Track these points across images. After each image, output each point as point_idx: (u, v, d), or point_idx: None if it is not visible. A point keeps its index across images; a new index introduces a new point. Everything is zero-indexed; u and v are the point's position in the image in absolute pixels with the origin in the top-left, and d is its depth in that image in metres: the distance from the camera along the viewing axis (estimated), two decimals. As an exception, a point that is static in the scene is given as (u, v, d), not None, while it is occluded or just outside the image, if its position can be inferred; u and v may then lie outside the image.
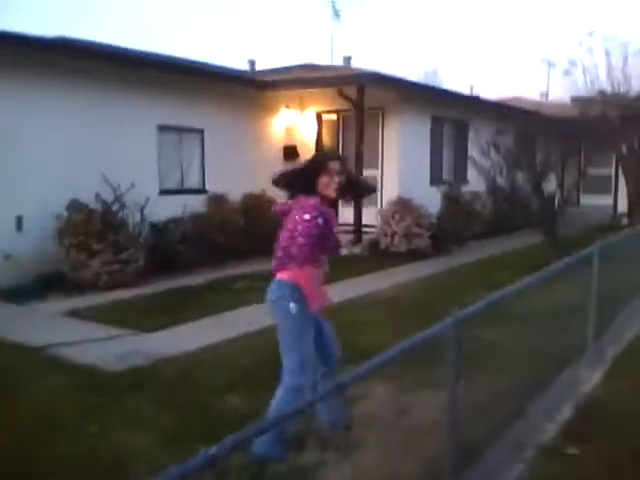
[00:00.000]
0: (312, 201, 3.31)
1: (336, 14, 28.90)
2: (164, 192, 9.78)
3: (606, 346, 5.52)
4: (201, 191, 10.36)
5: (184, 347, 5.44)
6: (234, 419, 3.64)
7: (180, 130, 10.20)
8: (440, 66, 62.26)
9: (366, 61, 56.65)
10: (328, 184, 3.36)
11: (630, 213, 13.83)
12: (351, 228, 11.09)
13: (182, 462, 1.49)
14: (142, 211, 8.79)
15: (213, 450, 1.58)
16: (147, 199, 8.84)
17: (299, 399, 3.16)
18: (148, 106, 9.55)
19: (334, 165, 3.39)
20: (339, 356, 3.66)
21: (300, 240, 3.24)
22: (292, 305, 3.32)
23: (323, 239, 3.29)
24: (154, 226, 9.13)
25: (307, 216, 3.23)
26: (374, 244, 10.93)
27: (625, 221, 14.46)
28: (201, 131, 10.48)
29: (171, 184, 10.09)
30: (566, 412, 4.14)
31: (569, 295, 5.38)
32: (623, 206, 15.98)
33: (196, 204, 9.90)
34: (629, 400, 4.31)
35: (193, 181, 10.44)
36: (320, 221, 3.23)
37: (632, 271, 7.25)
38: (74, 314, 6.74)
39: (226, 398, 4.30)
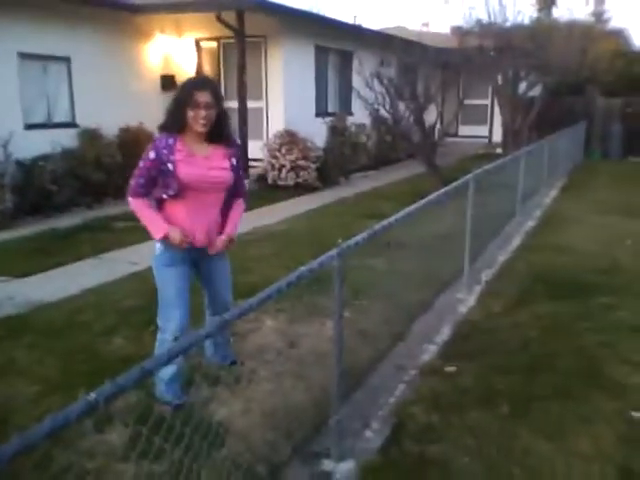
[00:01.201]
0: (157, 135, 3.13)
1: None
2: (30, 127, 8.98)
3: (481, 269, 5.87)
4: (71, 125, 9.61)
5: (62, 292, 5.16)
6: (118, 363, 3.52)
7: (45, 58, 9.30)
8: (324, -5, 61.05)
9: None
10: (195, 118, 3.04)
11: (504, 142, 14.58)
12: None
13: (61, 409, 1.39)
14: (5, 147, 8.07)
15: (92, 396, 1.48)
16: (11, 133, 8.12)
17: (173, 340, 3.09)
18: (6, 32, 8.59)
19: (202, 96, 3.03)
20: (228, 301, 3.47)
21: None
22: (156, 250, 3.21)
23: (160, 175, 3.07)
24: (21, 164, 8.41)
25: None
26: (262, 178, 10.80)
27: (499, 150, 15.25)
28: (68, 59, 9.62)
29: (38, 118, 9.25)
30: (445, 333, 4.39)
31: (448, 223, 5.60)
32: (498, 136, 16.83)
33: (67, 139, 9.20)
34: (500, 319, 4.64)
35: (62, 114, 9.63)
36: (151, 155, 3.05)
37: (505, 198, 7.70)
38: None
39: (112, 342, 4.14)
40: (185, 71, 12.10)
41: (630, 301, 4.92)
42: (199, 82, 3.21)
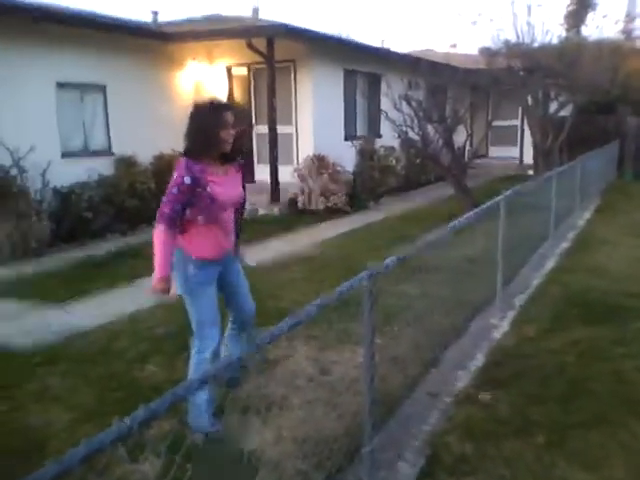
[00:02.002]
0: (182, 160, 3.14)
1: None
2: (67, 155, 9.23)
3: (514, 293, 5.78)
4: (107, 153, 9.85)
5: (97, 318, 5.24)
6: (150, 390, 3.55)
7: (81, 87, 9.59)
8: (351, 20, 61.76)
9: (275, 14, 55.35)
10: (227, 138, 3.18)
11: (535, 164, 14.43)
12: (267, 187, 10.96)
13: (94, 435, 1.41)
14: (44, 176, 8.30)
15: (126, 421, 1.51)
16: (49, 163, 8.35)
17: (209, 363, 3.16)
18: (45, 62, 8.89)
19: (230, 117, 3.18)
20: (254, 310, 3.62)
21: (163, 200, 3.12)
22: (190, 271, 3.23)
23: (194, 199, 3.10)
24: (58, 192, 8.64)
25: (175, 175, 3.11)
26: (292, 203, 10.87)
27: (531, 171, 15.09)
28: (103, 87, 9.89)
29: (74, 146, 9.52)
30: (479, 359, 4.32)
31: (479, 246, 5.55)
32: (529, 157, 16.66)
33: (103, 167, 9.42)
34: (534, 345, 4.55)
35: (98, 142, 9.89)
36: (187, 180, 3.06)
37: (538, 220, 7.61)
38: (-27, 289, 6.33)
39: (145, 369, 4.19)
40: (217, 97, 12.33)
41: (670, 325, 4.79)
42: (224, 104, 3.32)
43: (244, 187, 3.48)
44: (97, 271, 6.95)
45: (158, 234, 3.11)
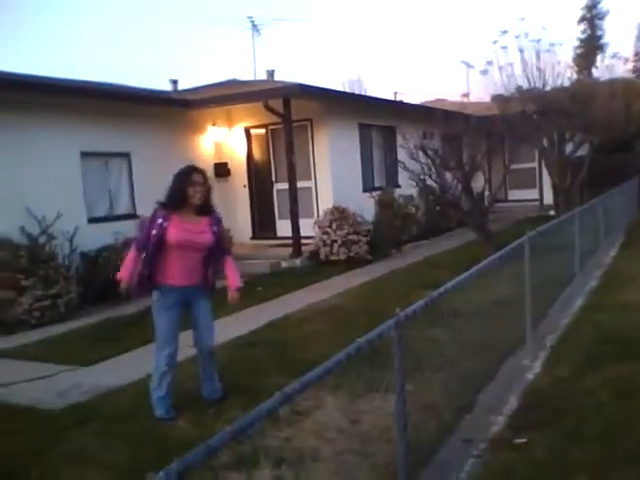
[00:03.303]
0: (156, 208, 4.31)
1: (256, 30, 28.92)
2: (93, 220, 9.48)
3: (544, 334, 5.69)
4: (132, 216, 10.09)
5: (126, 378, 5.26)
6: (181, 447, 3.53)
7: (105, 155, 9.93)
8: (364, 75, 63.40)
9: (289, 74, 57.05)
10: (193, 193, 4.22)
11: (556, 204, 14.38)
12: (289, 241, 11.07)
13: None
14: (71, 241, 8.51)
15: (161, 475, 1.52)
16: (76, 228, 8.57)
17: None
18: (70, 133, 9.24)
19: (197, 177, 4.25)
20: (210, 345, 4.52)
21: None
22: (155, 295, 4.35)
23: (156, 237, 4.20)
24: (85, 256, 8.83)
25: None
26: (314, 255, 10.94)
27: (552, 212, 15.03)
28: (127, 155, 10.23)
29: (100, 211, 9.79)
30: (512, 402, 4.24)
31: (506, 288, 5.51)
32: (548, 198, 16.63)
33: (128, 230, 9.61)
34: (569, 385, 4.45)
35: (123, 207, 10.17)
36: (159, 220, 4.22)
37: (563, 259, 7.54)
38: (5, 355, 6.41)
39: (176, 424, 4.19)
40: (237, 157, 12.64)
41: None
42: (193, 168, 4.37)
43: (217, 235, 4.37)
44: (126, 331, 7.01)
45: (130, 254, 4.38)
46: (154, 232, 4.18)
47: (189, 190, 4.21)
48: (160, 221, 4.20)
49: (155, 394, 4.35)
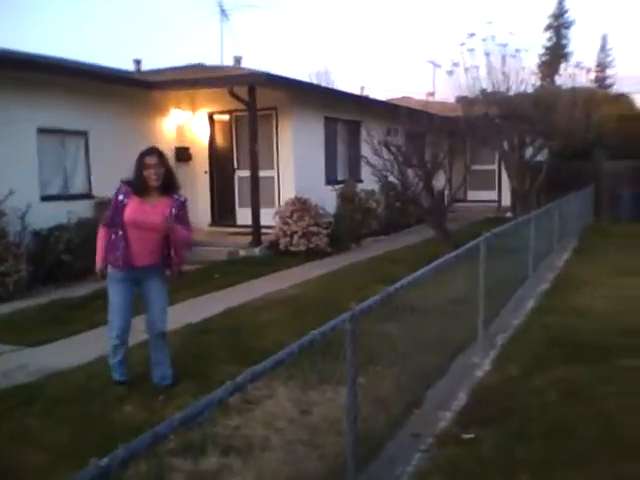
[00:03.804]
0: (120, 184, 4.35)
1: (225, 15, 28.52)
2: (47, 198, 9.19)
3: (496, 333, 5.80)
4: (87, 196, 9.85)
5: (75, 360, 5.14)
6: (128, 432, 3.46)
7: (63, 133, 9.63)
8: (331, 67, 63.37)
9: (257, 62, 56.53)
10: (149, 175, 4.23)
11: (514, 206, 14.66)
12: (249, 230, 10.98)
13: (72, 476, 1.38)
14: (23, 219, 8.25)
15: (105, 461, 1.48)
16: (28, 206, 8.31)
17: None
18: (27, 108, 8.93)
19: (150, 160, 4.25)
20: (161, 327, 4.52)
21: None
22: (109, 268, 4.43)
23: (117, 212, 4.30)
24: (37, 234, 8.57)
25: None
26: (273, 245, 10.89)
27: (509, 214, 15.32)
28: (85, 133, 9.95)
29: (54, 190, 9.49)
30: (461, 399, 4.30)
31: (460, 286, 5.58)
32: (507, 200, 16.96)
33: (83, 210, 9.39)
34: (517, 384, 4.54)
35: (78, 186, 9.89)
36: (120, 197, 4.28)
37: (517, 261, 7.69)
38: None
39: (124, 409, 4.11)
40: (200, 142, 12.47)
41: (650, 364, 4.81)
42: (147, 150, 4.36)
43: (176, 218, 4.32)
44: (76, 312, 6.85)
45: (99, 232, 4.46)
46: (117, 209, 4.30)
47: (144, 173, 4.25)
48: (121, 197, 4.27)
49: (111, 361, 4.57)
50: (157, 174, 4.25)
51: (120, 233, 4.27)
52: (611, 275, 8.58)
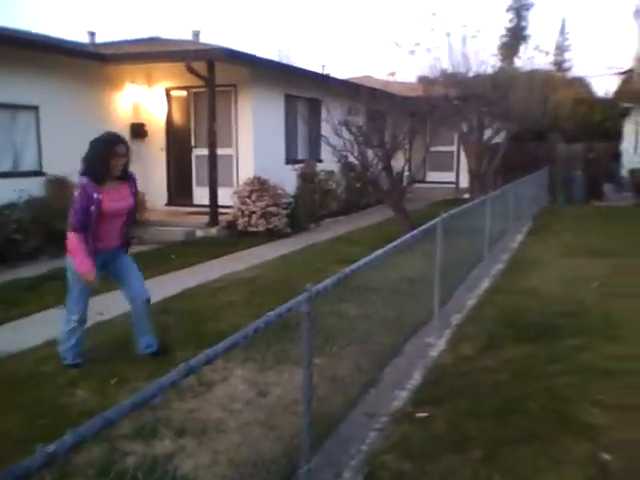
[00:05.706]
0: (83, 180, 4.16)
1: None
2: (-5, 175, 8.89)
3: (450, 313, 5.89)
4: (38, 173, 9.54)
5: (24, 343, 5.00)
6: (80, 416, 3.40)
7: (12, 107, 9.27)
8: (292, 46, 62.70)
9: (216, 38, 55.54)
10: (116, 165, 4.19)
11: (471, 188, 14.86)
12: (206, 209, 10.84)
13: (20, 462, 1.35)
14: (-30, 196, 7.95)
15: (52, 447, 1.44)
16: (-25, 183, 8.01)
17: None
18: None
19: (121, 149, 4.20)
20: (146, 294, 4.56)
21: (70, 213, 4.18)
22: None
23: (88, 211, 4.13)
24: (-15, 213, 8.28)
25: (76, 192, 4.17)
26: (232, 225, 10.79)
27: (467, 195, 15.53)
28: (36, 108, 9.61)
29: (4, 167, 9.16)
30: (416, 378, 4.36)
31: (417, 267, 5.64)
32: (465, 181, 17.18)
33: (34, 188, 9.10)
34: (470, 363, 4.63)
35: (29, 163, 9.55)
36: (95, 195, 4.11)
37: (473, 242, 7.81)
38: None
39: (75, 393, 4.03)
40: (156, 119, 12.19)
41: (598, 343, 4.97)
42: (117, 139, 4.28)
43: (135, 195, 4.47)
44: (26, 294, 6.67)
45: (71, 240, 4.18)
46: (93, 208, 4.13)
47: (111, 161, 4.17)
48: (95, 195, 4.15)
49: (64, 345, 4.48)
50: (124, 164, 4.25)
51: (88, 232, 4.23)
52: (562, 256, 8.81)
